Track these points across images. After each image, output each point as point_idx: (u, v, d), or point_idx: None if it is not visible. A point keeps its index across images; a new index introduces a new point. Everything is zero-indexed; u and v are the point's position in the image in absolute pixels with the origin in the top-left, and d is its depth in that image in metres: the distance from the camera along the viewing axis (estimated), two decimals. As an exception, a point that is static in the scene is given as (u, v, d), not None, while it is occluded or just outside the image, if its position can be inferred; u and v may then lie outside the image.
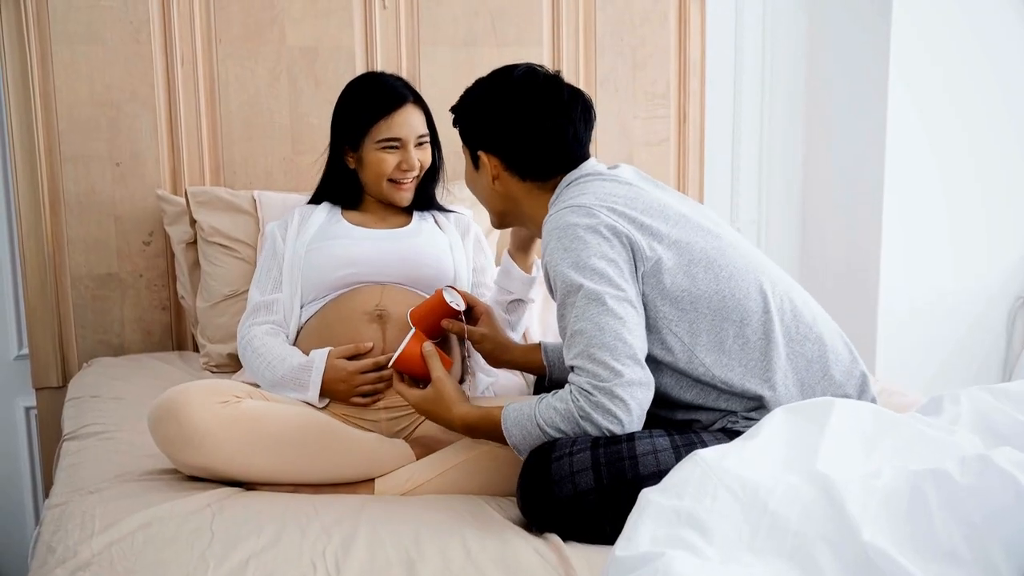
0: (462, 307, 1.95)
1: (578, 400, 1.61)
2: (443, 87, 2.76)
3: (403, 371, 1.84)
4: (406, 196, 2.21)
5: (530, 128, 1.81)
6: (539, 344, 2.05)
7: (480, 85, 1.88)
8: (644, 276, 1.68)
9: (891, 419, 1.41)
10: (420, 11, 2.75)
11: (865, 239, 3.15)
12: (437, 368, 1.81)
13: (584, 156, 1.85)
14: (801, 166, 3.35)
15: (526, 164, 1.83)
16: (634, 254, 1.68)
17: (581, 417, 1.60)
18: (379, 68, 2.72)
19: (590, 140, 1.87)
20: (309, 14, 2.66)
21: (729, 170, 3.27)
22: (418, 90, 2.26)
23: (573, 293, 1.65)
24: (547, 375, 2.04)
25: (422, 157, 2.19)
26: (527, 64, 1.87)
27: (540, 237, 1.85)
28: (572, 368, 1.65)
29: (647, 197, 1.76)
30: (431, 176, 2.25)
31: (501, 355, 2.04)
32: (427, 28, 2.76)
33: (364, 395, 1.96)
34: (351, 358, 1.96)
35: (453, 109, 1.92)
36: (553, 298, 1.74)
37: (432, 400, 1.79)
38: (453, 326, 1.96)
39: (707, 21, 3.04)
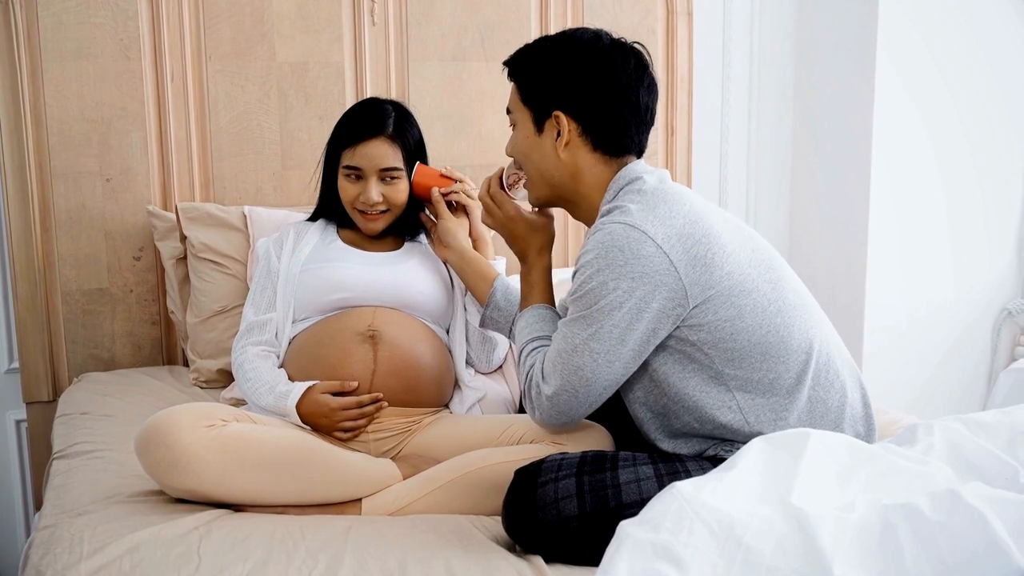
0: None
1: (528, 378, 1.78)
2: (432, 102, 2.79)
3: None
4: (372, 227, 2.20)
5: (620, 95, 1.75)
6: (495, 277, 2.09)
7: (561, 42, 1.79)
8: (687, 313, 1.66)
9: (866, 451, 1.43)
10: (409, 27, 2.77)
11: (852, 252, 3.17)
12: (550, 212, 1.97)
13: (646, 139, 1.82)
14: (789, 180, 3.37)
15: (606, 132, 1.76)
16: (674, 296, 1.64)
17: (524, 393, 1.79)
18: (368, 83, 2.74)
19: None
20: (299, 30, 2.68)
21: (717, 183, 3.29)
22: (407, 104, 2.26)
23: (583, 307, 1.66)
24: (485, 307, 2.09)
25: (389, 192, 2.17)
26: (600, 29, 1.80)
27: (583, 220, 1.86)
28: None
29: (705, 225, 1.68)
30: (413, 206, 2.24)
31: (451, 242, 2.15)
32: (416, 43, 2.78)
33: (345, 430, 1.98)
34: (337, 393, 1.99)
35: (518, 64, 1.83)
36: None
37: (529, 224, 1.94)
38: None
39: (694, 35, 3.06)
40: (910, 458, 1.44)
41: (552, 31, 2.89)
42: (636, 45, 1.81)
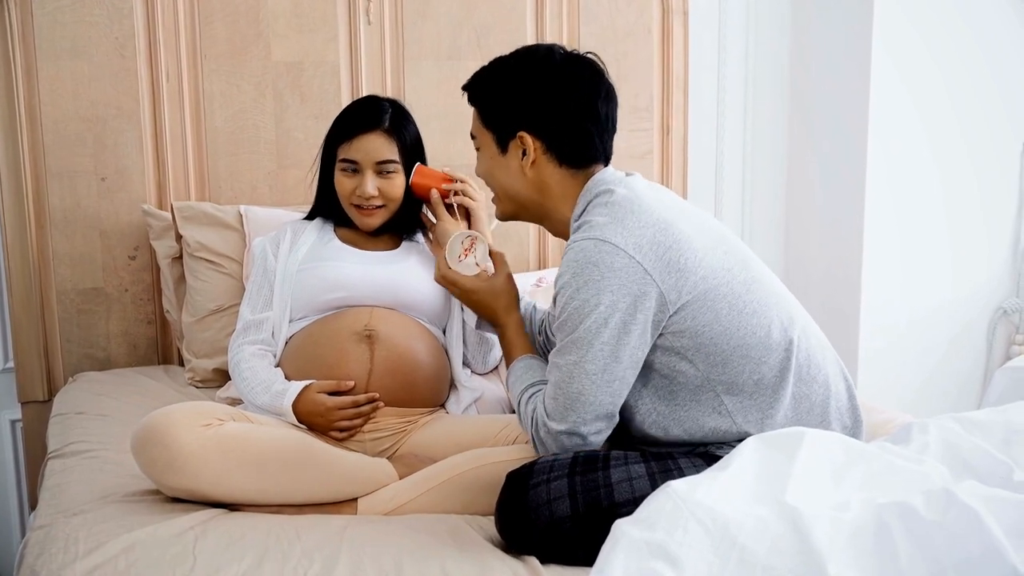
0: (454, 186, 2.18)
1: (532, 423, 1.75)
2: (428, 101, 2.79)
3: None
4: (369, 222, 2.20)
5: (580, 109, 1.76)
6: (529, 307, 2.09)
7: (516, 63, 1.81)
8: (666, 319, 1.66)
9: (860, 449, 1.43)
10: (405, 26, 2.77)
11: (848, 251, 3.17)
12: (504, 266, 1.99)
13: (611, 146, 1.83)
14: (785, 179, 3.38)
15: (571, 147, 1.77)
16: (654, 303, 1.64)
17: (532, 438, 1.77)
18: (364, 82, 2.74)
19: None
20: (294, 30, 2.68)
21: (713, 182, 3.29)
22: (404, 103, 2.26)
23: (569, 331, 1.67)
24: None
25: (385, 186, 2.17)
26: (552, 44, 1.82)
27: (553, 233, 1.87)
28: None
29: (675, 232, 1.67)
30: (410, 204, 2.25)
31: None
32: (412, 43, 2.78)
33: (342, 429, 1.98)
34: (333, 393, 1.98)
35: (477, 88, 1.84)
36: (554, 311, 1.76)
37: (489, 291, 1.95)
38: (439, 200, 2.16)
39: (690, 34, 3.06)
40: (905, 457, 1.44)
41: (548, 30, 2.90)
42: (589, 55, 1.82)
